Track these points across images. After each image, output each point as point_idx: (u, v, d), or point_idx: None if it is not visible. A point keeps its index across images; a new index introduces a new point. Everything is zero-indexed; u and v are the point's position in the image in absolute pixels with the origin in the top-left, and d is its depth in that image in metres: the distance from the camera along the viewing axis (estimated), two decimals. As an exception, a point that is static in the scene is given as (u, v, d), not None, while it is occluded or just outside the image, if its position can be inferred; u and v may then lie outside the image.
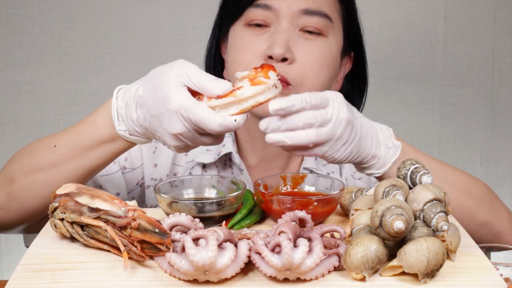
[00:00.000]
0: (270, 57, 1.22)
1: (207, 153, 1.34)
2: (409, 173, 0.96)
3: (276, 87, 1.00)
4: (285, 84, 1.22)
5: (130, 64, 2.24)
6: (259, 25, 1.26)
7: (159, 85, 1.00)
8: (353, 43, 1.36)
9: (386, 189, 0.92)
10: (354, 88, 1.40)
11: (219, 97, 0.98)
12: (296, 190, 1.13)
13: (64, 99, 2.25)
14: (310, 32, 1.25)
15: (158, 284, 0.85)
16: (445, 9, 2.25)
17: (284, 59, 1.22)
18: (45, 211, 1.17)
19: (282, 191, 1.12)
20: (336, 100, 1.03)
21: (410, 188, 0.95)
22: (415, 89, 2.30)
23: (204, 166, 1.34)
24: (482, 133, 2.33)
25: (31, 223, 1.22)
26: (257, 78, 0.99)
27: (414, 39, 2.27)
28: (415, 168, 0.96)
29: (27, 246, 1.34)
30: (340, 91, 1.36)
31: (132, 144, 1.11)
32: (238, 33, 1.28)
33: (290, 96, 1.00)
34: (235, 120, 0.97)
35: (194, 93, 0.99)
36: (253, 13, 1.26)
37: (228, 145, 1.34)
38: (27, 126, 2.27)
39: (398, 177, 0.97)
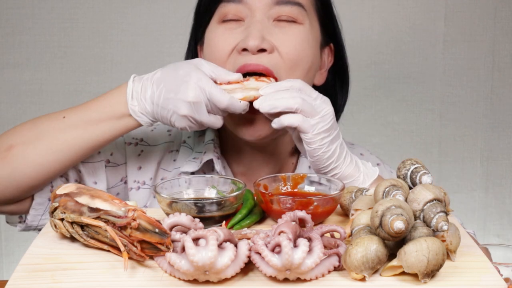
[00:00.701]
0: (245, 50, 1.21)
1: (193, 161, 1.34)
2: (409, 173, 0.96)
3: None
4: (274, 78, 1.22)
5: (130, 64, 2.25)
6: (233, 20, 1.25)
7: (181, 66, 1.16)
8: (330, 36, 1.35)
9: (386, 189, 0.92)
10: (337, 82, 1.39)
11: (229, 83, 1.16)
12: (296, 190, 1.13)
13: (64, 99, 2.25)
14: (285, 21, 1.25)
15: (158, 284, 0.85)
16: (445, 9, 2.25)
17: (261, 50, 1.21)
18: (37, 183, 1.21)
19: (282, 191, 1.12)
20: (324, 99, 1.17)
21: (410, 188, 0.95)
22: (415, 89, 2.30)
23: (193, 174, 1.34)
24: (482, 133, 2.34)
25: (17, 196, 1.22)
26: (261, 78, 1.18)
27: (414, 39, 2.27)
28: (415, 168, 0.96)
29: (8, 222, 1.32)
30: (324, 84, 1.35)
31: (137, 125, 1.19)
32: (211, 30, 1.28)
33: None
34: (240, 102, 1.15)
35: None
36: (226, 8, 1.25)
37: (208, 152, 1.33)
38: (27, 126, 2.27)
39: (398, 177, 0.97)
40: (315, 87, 1.33)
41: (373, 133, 2.31)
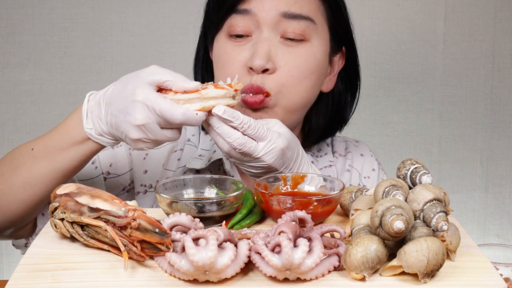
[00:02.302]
0: (252, 69, 1.23)
1: (199, 159, 1.34)
2: (409, 173, 0.96)
3: (234, 98, 1.10)
4: (262, 95, 1.22)
5: (130, 64, 2.24)
6: (240, 36, 1.26)
7: (129, 82, 1.07)
8: (342, 40, 1.35)
9: (386, 189, 0.92)
10: (347, 85, 1.39)
11: (185, 92, 1.07)
12: (296, 190, 1.13)
13: (64, 99, 2.25)
14: (292, 39, 1.24)
15: (158, 284, 0.85)
16: (445, 9, 2.25)
17: (265, 70, 1.22)
18: (25, 216, 1.20)
19: (282, 191, 1.12)
20: (272, 145, 1.11)
21: (410, 188, 0.95)
22: (415, 89, 2.30)
23: (198, 172, 1.34)
24: (482, 133, 2.34)
25: (14, 229, 1.23)
26: (220, 84, 1.11)
27: (414, 39, 2.27)
28: (415, 168, 0.96)
29: (14, 245, 1.34)
30: (333, 88, 1.36)
31: (100, 146, 1.13)
32: (221, 44, 1.29)
33: (236, 112, 1.08)
34: (197, 114, 1.06)
35: (161, 91, 1.08)
36: (234, 21, 1.25)
37: (218, 151, 1.33)
38: (27, 126, 2.27)
39: (398, 177, 0.97)
40: (322, 93, 1.33)
41: (373, 133, 2.31)
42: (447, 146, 2.34)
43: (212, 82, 1.11)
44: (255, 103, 1.23)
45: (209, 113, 1.09)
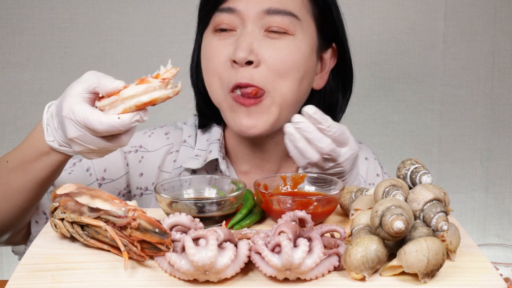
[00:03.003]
0: (235, 62, 1.23)
1: (196, 159, 1.34)
2: (409, 173, 0.96)
3: (167, 86, 1.02)
4: (252, 87, 1.22)
5: (130, 64, 2.25)
6: (225, 30, 1.26)
7: (63, 94, 1.05)
8: (332, 37, 1.34)
9: (386, 189, 0.92)
10: (339, 83, 1.39)
11: (108, 95, 1.01)
12: (296, 190, 1.13)
13: (64, 99, 2.25)
14: (275, 32, 1.25)
15: (158, 284, 0.85)
16: (445, 9, 2.25)
17: (249, 62, 1.22)
18: (13, 224, 1.20)
19: (282, 191, 1.12)
20: (352, 151, 1.13)
21: (410, 188, 0.95)
22: (415, 89, 2.30)
23: (195, 172, 1.34)
24: (482, 133, 2.34)
25: (9, 235, 1.24)
26: (145, 79, 1.03)
27: (414, 39, 2.27)
28: (415, 168, 0.96)
29: (13, 251, 1.34)
30: (325, 86, 1.35)
31: (67, 156, 1.11)
32: (207, 40, 1.29)
33: (325, 115, 1.08)
34: (118, 118, 1.00)
35: (100, 99, 1.03)
36: (219, 18, 1.26)
37: (214, 152, 1.33)
38: (27, 126, 2.27)
39: (398, 177, 0.97)
40: (314, 91, 1.33)
41: (373, 133, 2.31)
42: (447, 146, 2.34)
43: (147, 76, 1.04)
44: (248, 94, 1.23)
45: (140, 108, 1.01)
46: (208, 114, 1.38)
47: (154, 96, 1.01)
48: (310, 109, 1.08)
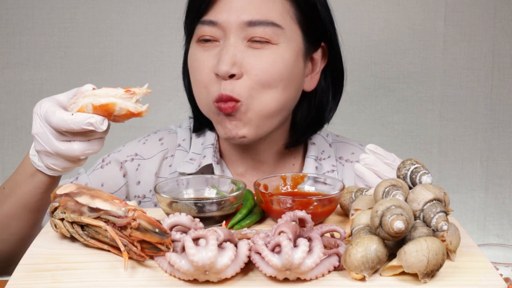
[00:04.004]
0: (218, 75, 1.22)
1: (190, 163, 1.34)
2: (409, 173, 0.96)
3: (133, 101, 1.03)
4: (234, 102, 1.22)
5: (130, 64, 2.25)
6: (208, 40, 1.26)
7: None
8: (319, 38, 1.32)
9: (386, 189, 0.92)
10: (330, 83, 1.37)
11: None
12: (296, 190, 1.13)
13: (64, 99, 2.25)
14: (258, 41, 1.23)
15: (158, 284, 0.85)
16: (445, 9, 2.25)
17: (232, 76, 1.22)
18: (12, 255, 1.20)
19: (282, 191, 1.12)
20: None
21: (410, 188, 0.95)
22: (415, 89, 2.30)
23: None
24: (482, 133, 2.34)
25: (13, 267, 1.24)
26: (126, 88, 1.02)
27: (414, 39, 2.27)
28: (415, 168, 0.96)
29: None
30: (316, 87, 1.34)
31: (51, 178, 1.11)
32: (192, 51, 1.29)
33: (387, 152, 1.15)
34: (72, 114, 1.01)
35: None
36: (201, 30, 1.26)
37: (208, 157, 1.33)
38: (27, 126, 2.27)
39: (398, 177, 0.97)
40: (305, 92, 1.33)
41: (373, 133, 2.31)
42: (447, 146, 2.34)
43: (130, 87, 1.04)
44: (228, 108, 1.22)
45: (100, 111, 1.01)
46: (200, 120, 1.38)
47: (112, 100, 1.00)
48: (372, 146, 1.13)
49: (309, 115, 1.36)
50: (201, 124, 1.39)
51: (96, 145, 1.05)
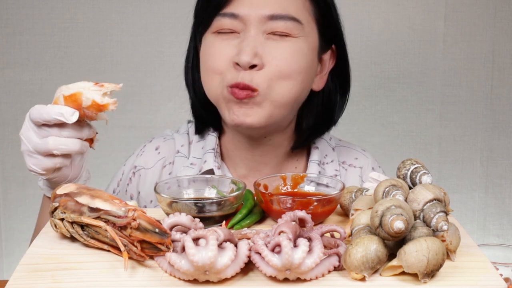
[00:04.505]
0: (238, 65, 1.22)
1: (191, 167, 1.34)
2: (409, 173, 0.96)
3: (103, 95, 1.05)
4: (250, 91, 1.22)
5: (130, 64, 2.25)
6: (228, 32, 1.25)
7: None
8: (332, 39, 1.34)
9: (386, 189, 0.92)
10: (337, 85, 1.38)
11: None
12: (296, 190, 1.13)
13: (64, 99, 2.25)
14: (278, 34, 1.24)
15: (158, 284, 0.85)
16: (445, 9, 2.25)
17: (252, 66, 1.22)
18: None
19: (282, 191, 1.12)
20: None
21: (410, 188, 0.95)
22: (415, 89, 2.30)
23: None
24: (482, 133, 2.34)
25: None
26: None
27: (414, 39, 2.27)
28: (415, 168, 0.96)
29: None
30: (324, 88, 1.35)
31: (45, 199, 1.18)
32: (208, 41, 1.28)
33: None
34: (46, 105, 1.05)
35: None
36: (220, 22, 1.25)
37: (209, 162, 1.33)
38: (27, 126, 2.27)
39: (398, 177, 0.97)
40: (313, 92, 1.33)
41: (373, 133, 2.31)
42: (447, 146, 2.34)
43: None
44: (242, 94, 1.22)
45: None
46: (204, 118, 1.38)
47: (79, 90, 1.05)
48: (374, 174, 1.11)
49: (316, 116, 1.36)
50: (204, 123, 1.39)
51: (72, 144, 1.05)
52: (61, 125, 1.04)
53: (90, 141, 1.09)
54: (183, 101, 1.43)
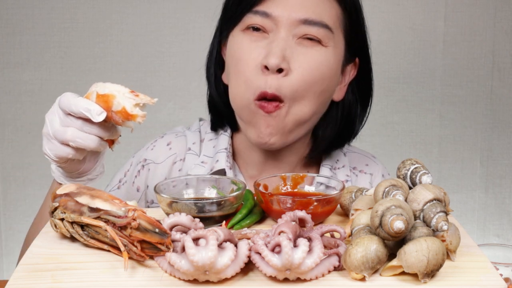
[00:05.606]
0: (266, 68, 1.20)
1: (202, 166, 1.34)
2: (409, 173, 0.96)
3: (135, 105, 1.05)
4: (277, 102, 1.21)
5: (130, 64, 2.25)
6: (257, 29, 1.24)
7: None
8: (357, 51, 1.33)
9: (386, 189, 0.92)
10: (358, 97, 1.37)
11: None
12: (296, 190, 1.13)
13: (64, 99, 2.25)
14: (309, 39, 1.23)
15: (158, 284, 0.85)
16: (445, 9, 2.25)
17: (279, 70, 1.20)
18: None
19: (282, 191, 1.12)
20: None
21: (410, 188, 0.95)
22: (415, 89, 2.30)
23: None
24: (482, 133, 2.34)
25: None
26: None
27: (414, 39, 2.27)
28: (415, 168, 0.96)
29: None
30: (343, 99, 1.34)
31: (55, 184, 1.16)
32: (236, 39, 1.26)
33: None
34: (78, 97, 1.04)
35: None
36: (252, 20, 1.24)
37: (221, 161, 1.32)
38: (27, 126, 2.27)
39: (398, 177, 0.97)
40: (333, 102, 1.32)
41: (373, 133, 2.31)
42: (447, 146, 2.34)
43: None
44: (271, 107, 1.21)
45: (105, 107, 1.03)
46: (222, 113, 1.36)
47: (113, 93, 1.02)
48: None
49: (336, 127, 1.35)
50: (221, 119, 1.37)
51: (90, 140, 1.04)
52: (86, 120, 1.03)
53: (111, 142, 1.07)
54: (183, 101, 1.43)
